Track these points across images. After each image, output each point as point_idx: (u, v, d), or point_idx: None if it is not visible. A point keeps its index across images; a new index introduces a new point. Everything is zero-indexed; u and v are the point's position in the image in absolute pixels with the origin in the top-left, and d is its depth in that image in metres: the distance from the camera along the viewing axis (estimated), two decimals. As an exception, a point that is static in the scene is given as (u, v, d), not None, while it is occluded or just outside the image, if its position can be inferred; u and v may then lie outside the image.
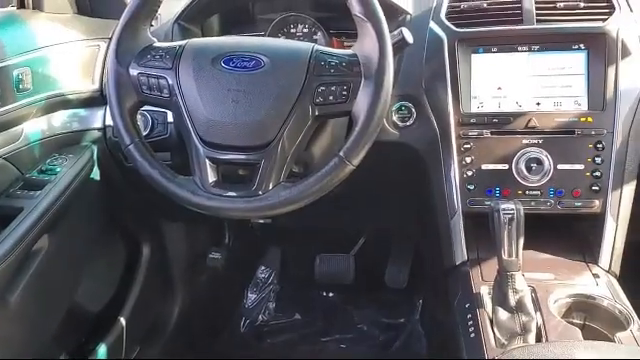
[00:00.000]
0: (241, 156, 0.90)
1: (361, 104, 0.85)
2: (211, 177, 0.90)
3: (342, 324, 1.77)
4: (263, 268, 1.90)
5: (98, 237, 1.34)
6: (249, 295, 1.85)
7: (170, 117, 1.15)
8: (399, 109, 1.13)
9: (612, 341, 0.86)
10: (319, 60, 0.89)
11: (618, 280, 1.03)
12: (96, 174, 1.23)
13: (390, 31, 0.87)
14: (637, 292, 0.98)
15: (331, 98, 0.87)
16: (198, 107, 0.90)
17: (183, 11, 1.22)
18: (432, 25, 1.13)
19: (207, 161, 0.90)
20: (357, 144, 0.85)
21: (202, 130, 0.90)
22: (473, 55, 1.11)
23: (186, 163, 0.94)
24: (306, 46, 0.92)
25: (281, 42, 1.11)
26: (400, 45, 0.93)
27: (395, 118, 1.14)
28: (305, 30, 1.30)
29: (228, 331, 1.79)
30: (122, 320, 1.42)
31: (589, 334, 0.89)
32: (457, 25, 1.11)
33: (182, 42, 0.95)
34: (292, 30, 1.30)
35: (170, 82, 0.91)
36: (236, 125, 0.89)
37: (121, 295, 1.46)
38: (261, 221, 1.65)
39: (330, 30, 1.28)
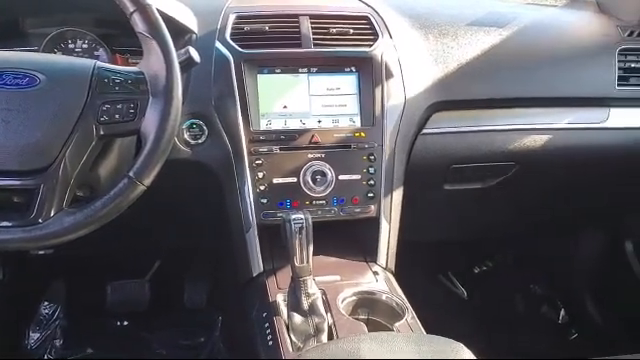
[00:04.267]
0: (15, 182, 0.82)
1: (150, 122, 0.84)
2: (-21, 206, 0.81)
3: (139, 352, 1.69)
4: (46, 303, 1.72)
5: None
6: (31, 334, 1.66)
7: None
8: (190, 127, 1.14)
9: (392, 330, 0.96)
10: (102, 77, 0.85)
11: (394, 276, 1.15)
12: None
13: (176, 49, 0.88)
14: (410, 285, 1.11)
15: (117, 117, 0.84)
16: None
17: None
18: (218, 45, 1.16)
19: (-26, 189, 0.80)
20: (148, 163, 0.83)
21: None
22: (259, 75, 1.16)
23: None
24: (87, 63, 0.88)
25: (59, 58, 1.04)
26: (187, 63, 0.93)
27: (186, 136, 1.14)
28: (85, 46, 1.22)
29: (7, 377, 1.59)
30: None
31: (373, 327, 0.98)
32: (242, 46, 1.15)
33: None
34: (70, 46, 1.22)
35: None
36: (7, 148, 0.81)
37: None
38: (41, 252, 1.50)
39: (113, 47, 1.23)
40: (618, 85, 1.34)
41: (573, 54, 1.36)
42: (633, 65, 1.36)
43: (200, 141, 1.14)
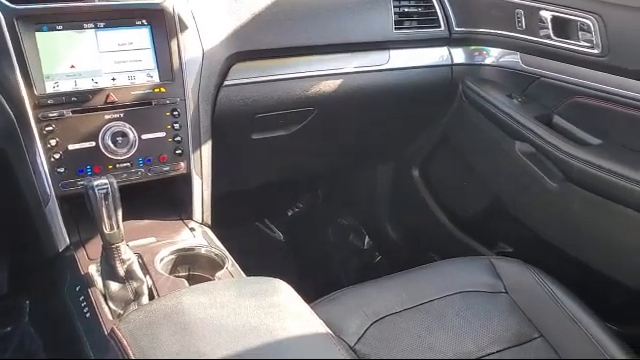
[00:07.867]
0: None
1: None
2: None
3: None
4: None
5: None
6: None
7: None
8: (-39, 97, 1.00)
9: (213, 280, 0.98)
10: None
11: (212, 229, 1.17)
12: None
13: None
14: (229, 236, 1.14)
15: None
16: None
17: None
18: (-15, 0, 1.02)
19: None
20: None
21: None
22: (37, 33, 1.05)
23: None
24: None
25: None
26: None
27: (-43, 108, 1.00)
28: None
29: None
30: None
31: (195, 281, 0.99)
32: (13, 1, 1.03)
33: None
34: None
35: None
36: None
37: None
38: None
39: None
40: (395, 29, 1.47)
41: (356, 1, 1.45)
42: (406, 10, 1.50)
43: (-24, 112, 1.02)
